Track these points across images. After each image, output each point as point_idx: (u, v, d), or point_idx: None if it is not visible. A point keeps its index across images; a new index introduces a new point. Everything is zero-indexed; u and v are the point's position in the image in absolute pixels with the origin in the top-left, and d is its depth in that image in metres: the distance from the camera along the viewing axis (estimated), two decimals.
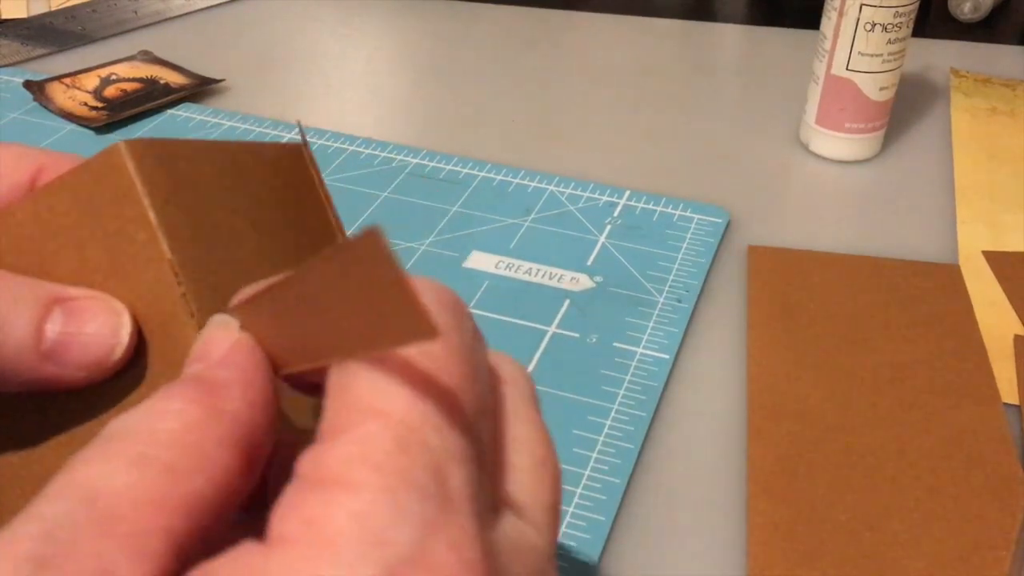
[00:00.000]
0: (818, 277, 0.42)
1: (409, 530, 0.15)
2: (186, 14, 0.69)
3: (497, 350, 0.20)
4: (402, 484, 0.15)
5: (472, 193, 0.47)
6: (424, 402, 0.16)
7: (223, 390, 0.17)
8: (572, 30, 0.67)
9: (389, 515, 0.15)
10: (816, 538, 0.30)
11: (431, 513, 0.15)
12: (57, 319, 0.20)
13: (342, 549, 0.14)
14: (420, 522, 0.15)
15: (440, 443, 0.16)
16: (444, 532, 0.15)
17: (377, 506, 0.15)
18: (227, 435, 0.17)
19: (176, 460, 0.16)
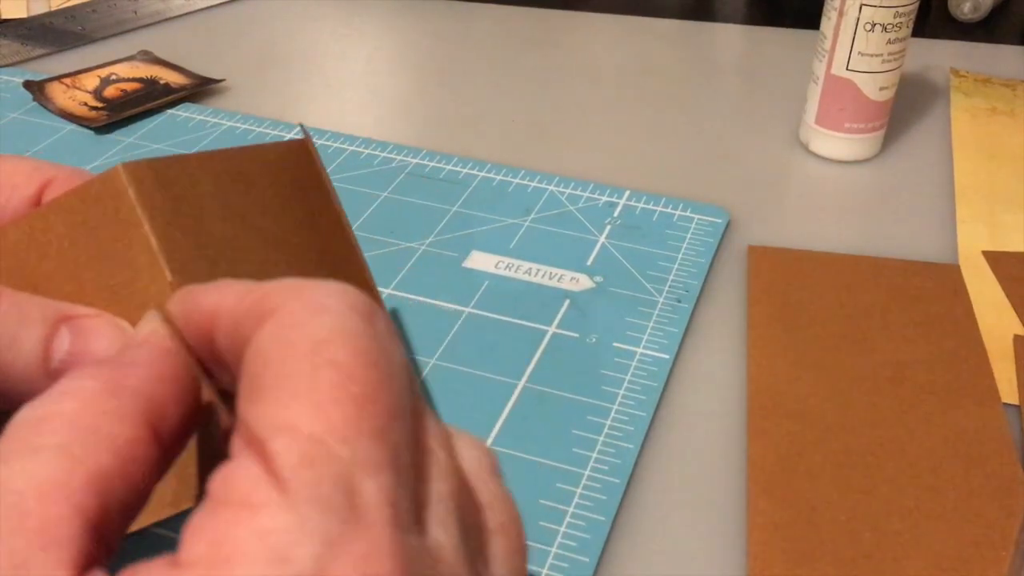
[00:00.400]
0: (818, 277, 0.42)
1: (311, 547, 0.14)
2: (186, 14, 0.69)
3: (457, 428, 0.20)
4: (305, 500, 0.15)
5: (472, 193, 0.47)
6: (331, 413, 0.16)
7: (127, 367, 0.17)
8: (572, 30, 0.67)
9: (292, 532, 0.15)
10: (816, 538, 0.30)
11: (336, 528, 0.15)
12: (64, 338, 0.20)
13: (243, 569, 0.14)
14: (323, 538, 0.15)
15: (349, 454, 0.15)
16: (351, 546, 0.15)
17: (279, 523, 0.15)
18: (127, 409, 0.17)
19: (74, 441, 0.16)
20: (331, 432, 0.15)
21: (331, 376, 0.16)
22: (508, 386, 0.36)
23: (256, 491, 0.15)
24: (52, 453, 0.16)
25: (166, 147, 0.51)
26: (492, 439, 0.34)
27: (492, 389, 0.36)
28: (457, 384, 0.36)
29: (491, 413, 0.35)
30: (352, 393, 0.16)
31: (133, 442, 0.17)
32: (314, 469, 0.15)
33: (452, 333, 0.38)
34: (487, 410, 0.35)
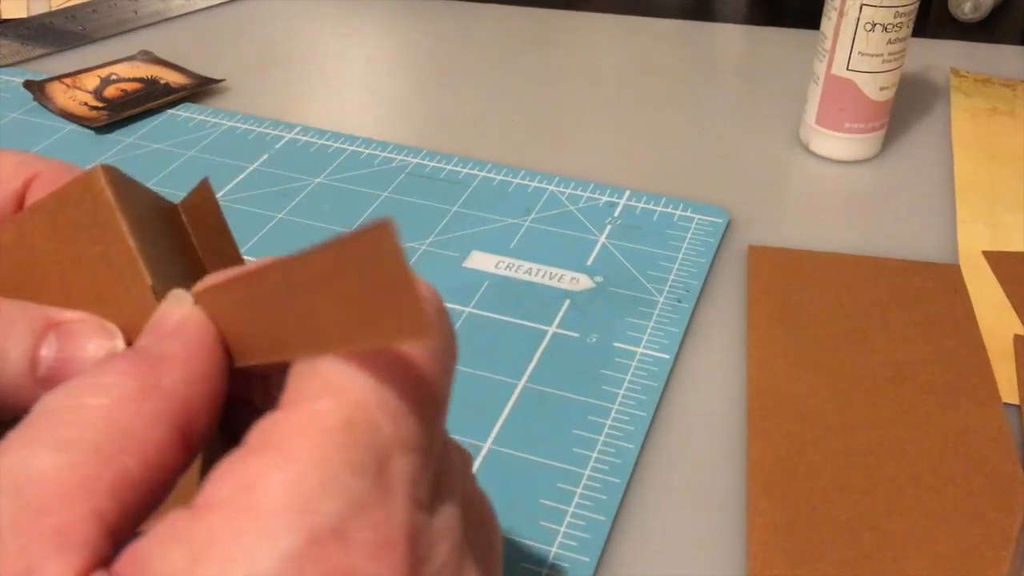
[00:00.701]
0: (818, 277, 0.42)
1: (336, 503, 0.15)
2: (186, 14, 0.69)
3: None
4: (338, 459, 0.15)
5: (472, 193, 0.47)
6: (385, 388, 0.16)
7: (162, 363, 0.17)
8: (572, 30, 0.67)
9: (319, 486, 0.15)
10: (816, 538, 0.30)
11: (362, 491, 0.15)
12: (52, 343, 0.19)
13: (266, 515, 0.15)
14: (348, 497, 0.15)
15: (392, 430, 0.16)
16: (371, 511, 0.15)
17: (308, 476, 0.15)
18: (161, 412, 0.17)
19: (103, 440, 0.16)
20: (380, 405, 0.16)
21: (395, 356, 0.17)
22: (508, 386, 0.36)
23: (292, 440, 0.15)
24: (80, 451, 0.16)
25: (166, 147, 0.51)
26: (492, 439, 0.34)
27: (492, 389, 0.36)
28: (457, 384, 0.36)
29: (491, 413, 0.35)
30: (411, 376, 0.17)
31: (163, 447, 0.16)
32: (354, 434, 0.15)
33: None
34: (487, 410, 0.35)
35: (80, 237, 0.20)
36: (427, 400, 0.17)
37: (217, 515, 0.15)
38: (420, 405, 0.17)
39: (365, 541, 0.15)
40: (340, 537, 0.15)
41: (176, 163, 0.50)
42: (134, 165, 0.49)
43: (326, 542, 0.15)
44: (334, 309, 0.16)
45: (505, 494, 0.32)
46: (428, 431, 0.17)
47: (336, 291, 0.16)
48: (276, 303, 0.17)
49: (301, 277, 0.16)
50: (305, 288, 0.16)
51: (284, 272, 0.17)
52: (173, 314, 0.18)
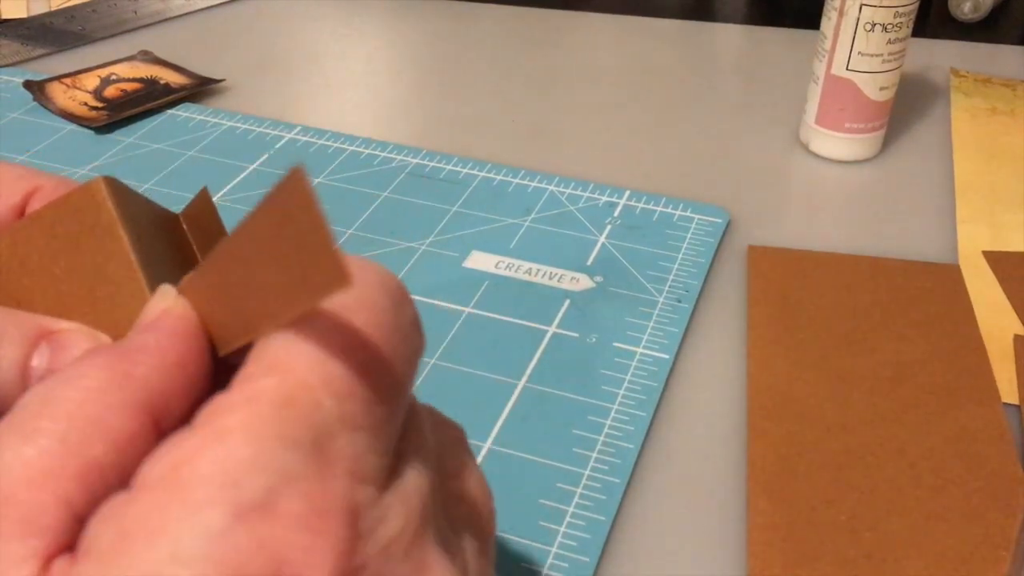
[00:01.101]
0: (818, 277, 0.42)
1: (264, 477, 0.15)
2: (186, 14, 0.69)
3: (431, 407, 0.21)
4: (271, 435, 0.15)
5: (472, 193, 0.47)
6: (331, 367, 0.16)
7: (136, 354, 0.17)
8: (572, 30, 0.67)
9: (248, 461, 0.15)
10: (816, 538, 0.30)
11: (294, 465, 0.15)
12: (44, 353, 0.19)
13: (193, 492, 0.15)
14: (278, 471, 0.15)
15: (336, 408, 0.16)
16: (303, 483, 0.15)
17: (238, 452, 0.15)
18: (131, 400, 0.17)
19: (70, 429, 0.16)
20: (325, 384, 0.16)
21: (344, 338, 0.17)
22: (508, 386, 0.36)
23: (227, 418, 0.15)
24: (48, 440, 0.16)
25: (166, 147, 0.51)
26: (492, 439, 0.34)
27: (492, 389, 0.36)
28: (457, 384, 0.36)
29: (491, 413, 0.35)
30: (359, 358, 0.17)
31: (133, 435, 0.17)
32: (292, 410, 0.16)
33: (452, 333, 0.38)
34: (487, 410, 0.35)
35: (78, 248, 0.20)
36: (378, 380, 0.17)
37: (148, 494, 0.15)
38: (369, 385, 0.17)
39: (294, 513, 0.15)
40: (267, 510, 0.15)
41: (176, 163, 0.50)
42: (134, 165, 0.49)
43: (252, 516, 0.15)
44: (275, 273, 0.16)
45: (505, 494, 0.32)
46: (379, 410, 0.17)
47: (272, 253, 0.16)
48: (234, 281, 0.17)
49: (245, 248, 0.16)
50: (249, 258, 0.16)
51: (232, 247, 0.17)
52: (156, 308, 0.18)
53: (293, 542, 0.15)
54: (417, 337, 0.19)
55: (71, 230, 0.20)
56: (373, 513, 0.16)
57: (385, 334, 0.17)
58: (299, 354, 0.16)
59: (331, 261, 0.15)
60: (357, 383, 0.16)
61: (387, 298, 0.18)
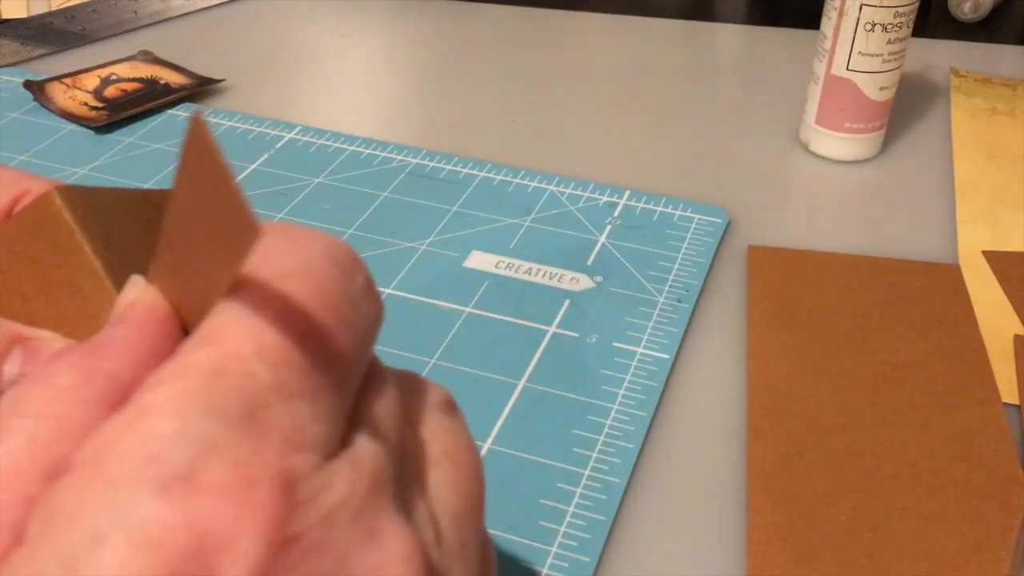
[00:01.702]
0: (818, 277, 0.42)
1: (187, 449, 0.15)
2: (186, 14, 0.69)
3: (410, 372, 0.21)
4: (197, 407, 0.15)
5: (472, 193, 0.47)
6: (265, 335, 0.16)
7: (105, 348, 0.17)
8: (572, 30, 0.67)
9: (171, 435, 0.15)
10: (816, 538, 0.30)
11: (220, 435, 0.15)
12: (16, 359, 0.19)
13: (114, 470, 0.14)
14: (201, 441, 0.15)
15: (269, 376, 0.16)
16: (229, 454, 0.15)
17: (162, 426, 0.15)
18: (101, 396, 0.16)
19: (38, 428, 0.16)
20: (259, 353, 0.16)
21: (280, 305, 0.16)
22: (508, 386, 0.36)
23: (154, 394, 0.15)
24: (15, 439, 0.16)
25: (166, 147, 0.51)
26: (492, 439, 0.34)
27: (492, 389, 0.36)
28: (457, 384, 0.36)
29: (491, 413, 0.35)
30: (296, 324, 0.16)
31: None
32: (220, 381, 0.15)
33: (452, 333, 0.38)
34: (487, 410, 0.35)
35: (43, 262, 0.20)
36: (319, 347, 0.17)
37: (71, 477, 0.15)
38: (309, 352, 0.16)
39: (219, 484, 0.15)
40: (190, 483, 0.14)
41: (176, 163, 0.50)
42: (134, 165, 0.49)
43: (173, 490, 0.14)
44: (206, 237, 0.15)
45: (505, 494, 0.32)
46: (320, 377, 0.16)
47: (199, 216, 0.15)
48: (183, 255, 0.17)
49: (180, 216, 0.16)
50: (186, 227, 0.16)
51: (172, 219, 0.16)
52: (125, 300, 0.18)
53: (217, 514, 0.14)
54: (370, 304, 0.18)
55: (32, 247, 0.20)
56: (313, 481, 0.16)
57: (328, 300, 0.17)
58: (231, 324, 0.16)
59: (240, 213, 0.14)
60: (294, 350, 0.16)
61: (331, 265, 0.18)
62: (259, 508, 0.15)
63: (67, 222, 0.20)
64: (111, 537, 0.14)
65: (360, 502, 0.16)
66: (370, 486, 0.17)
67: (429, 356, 0.37)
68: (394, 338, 0.38)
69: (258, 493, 0.15)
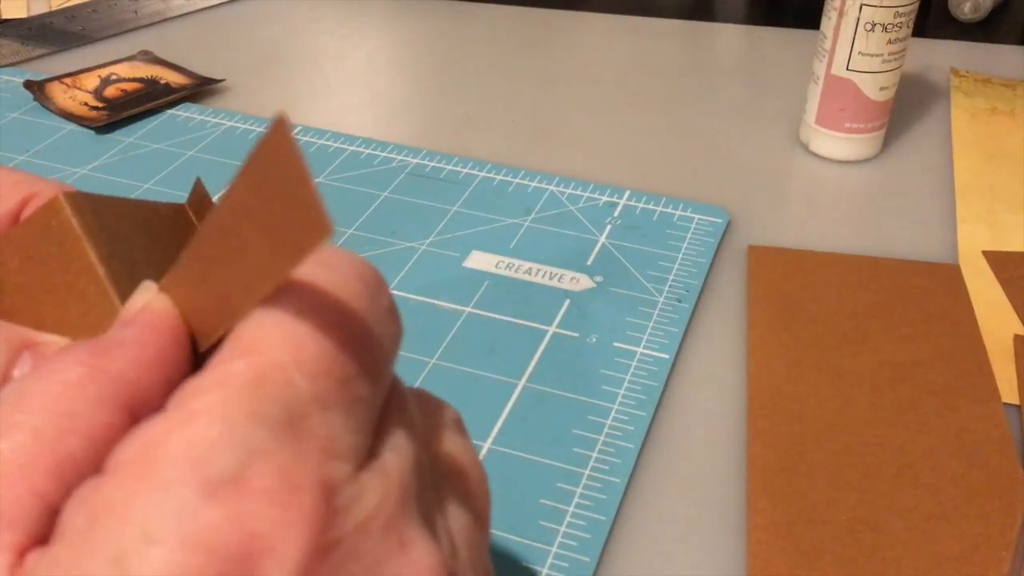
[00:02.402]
0: (818, 277, 0.42)
1: (235, 453, 0.15)
2: (186, 14, 0.69)
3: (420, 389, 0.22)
4: (242, 413, 0.15)
5: (472, 193, 0.47)
6: (303, 346, 0.16)
7: (114, 349, 0.17)
8: (572, 30, 0.67)
9: (218, 439, 0.15)
10: (816, 538, 0.30)
11: (265, 442, 0.15)
12: (26, 363, 0.19)
13: (163, 471, 0.15)
14: (248, 447, 0.15)
15: (308, 387, 0.16)
16: (274, 458, 0.15)
17: (208, 431, 0.15)
18: (107, 394, 0.17)
19: (44, 424, 0.16)
20: (298, 364, 0.16)
21: (317, 320, 0.17)
22: (508, 386, 0.36)
23: (197, 400, 0.15)
24: (22, 435, 0.16)
25: (166, 147, 0.51)
26: (492, 439, 0.34)
27: (492, 389, 0.36)
28: (457, 384, 0.36)
29: (491, 413, 0.35)
30: (332, 338, 0.17)
31: (108, 429, 0.17)
32: (262, 389, 0.16)
33: (452, 333, 0.38)
34: (487, 410, 0.35)
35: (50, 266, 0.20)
36: (352, 360, 0.17)
37: (117, 476, 0.15)
38: (343, 365, 0.17)
39: (266, 488, 0.15)
40: (238, 486, 0.15)
41: (176, 163, 0.50)
42: (134, 165, 0.49)
43: (222, 492, 0.15)
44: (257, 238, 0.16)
45: (505, 494, 0.32)
46: (353, 389, 0.17)
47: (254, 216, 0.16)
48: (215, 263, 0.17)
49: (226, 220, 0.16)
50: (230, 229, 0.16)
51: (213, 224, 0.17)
52: (136, 304, 0.18)
53: (264, 516, 0.15)
54: (393, 323, 0.19)
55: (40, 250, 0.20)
56: (349, 490, 0.16)
57: (359, 316, 0.17)
58: (271, 335, 0.16)
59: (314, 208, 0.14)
60: (330, 363, 0.16)
61: (361, 284, 0.18)
62: (303, 513, 0.15)
63: (73, 228, 0.20)
64: (162, 537, 0.14)
65: (390, 513, 0.17)
66: (398, 498, 0.17)
67: (429, 356, 0.37)
68: None
69: (302, 498, 0.15)
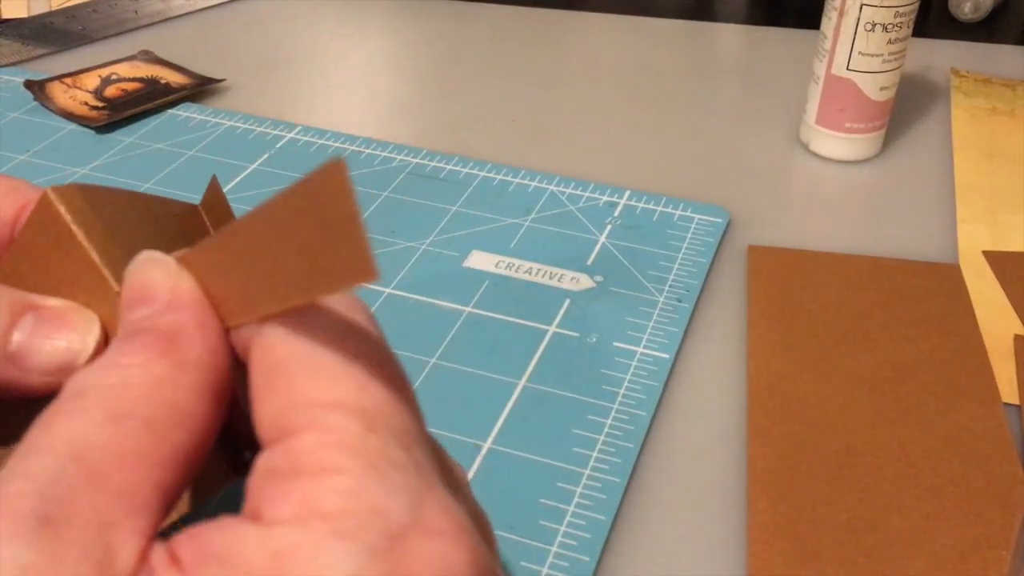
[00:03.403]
0: (818, 277, 0.42)
1: (402, 500, 0.15)
2: (186, 14, 0.69)
3: None
4: (383, 461, 0.16)
5: (472, 193, 0.47)
6: (374, 391, 0.16)
7: (182, 339, 0.17)
8: (572, 30, 0.67)
9: (379, 488, 0.15)
10: (816, 538, 0.30)
11: (416, 484, 0.16)
12: (27, 325, 0.19)
13: (341, 522, 0.15)
14: (410, 492, 0.15)
15: (400, 424, 0.16)
16: (433, 499, 0.16)
17: (366, 482, 0.15)
18: (198, 384, 0.17)
19: (154, 414, 0.16)
20: (378, 407, 0.16)
21: (364, 362, 0.17)
22: (508, 386, 0.36)
23: (330, 457, 0.15)
24: (134, 423, 0.16)
25: (166, 147, 0.51)
26: (492, 439, 0.34)
27: (492, 389, 0.36)
28: (457, 384, 0.36)
29: (491, 413, 0.35)
30: (384, 374, 0.17)
31: (206, 419, 0.17)
32: (379, 436, 0.16)
33: (452, 333, 0.38)
34: (487, 410, 0.35)
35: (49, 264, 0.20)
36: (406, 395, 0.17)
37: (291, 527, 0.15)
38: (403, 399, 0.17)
39: (442, 527, 0.15)
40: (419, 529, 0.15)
41: (176, 163, 0.50)
42: (134, 165, 0.49)
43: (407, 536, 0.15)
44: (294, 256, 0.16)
45: (505, 494, 0.32)
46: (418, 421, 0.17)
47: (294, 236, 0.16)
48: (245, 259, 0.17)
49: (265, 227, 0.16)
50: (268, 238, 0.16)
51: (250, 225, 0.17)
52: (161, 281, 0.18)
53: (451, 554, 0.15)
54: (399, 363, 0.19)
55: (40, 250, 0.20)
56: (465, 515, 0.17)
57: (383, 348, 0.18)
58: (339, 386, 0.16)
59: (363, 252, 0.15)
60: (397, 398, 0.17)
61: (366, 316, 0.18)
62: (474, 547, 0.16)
63: (63, 218, 0.20)
64: None
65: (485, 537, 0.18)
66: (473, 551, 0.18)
67: (429, 356, 0.37)
68: (394, 338, 0.38)
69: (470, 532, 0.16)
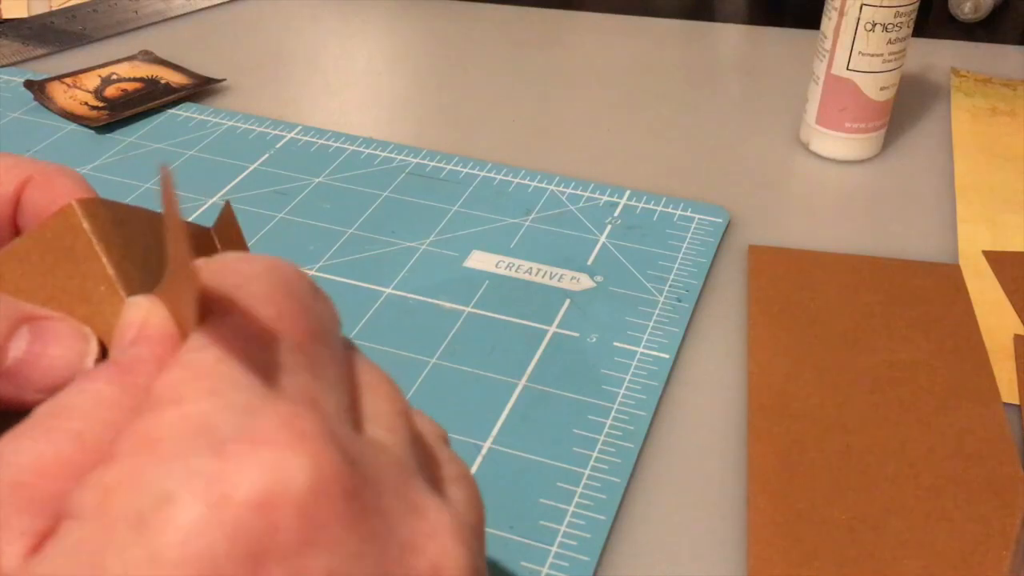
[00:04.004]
0: (818, 277, 0.42)
1: (232, 415, 0.15)
2: (186, 14, 0.69)
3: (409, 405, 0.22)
4: (224, 383, 0.16)
5: (472, 193, 0.47)
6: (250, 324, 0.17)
7: (137, 366, 0.18)
8: (572, 30, 0.67)
9: (210, 407, 0.16)
10: (816, 538, 0.30)
11: (256, 400, 0.16)
12: (23, 336, 0.19)
13: (168, 445, 0.15)
14: (243, 407, 0.16)
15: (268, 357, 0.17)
16: (271, 410, 0.16)
17: (199, 404, 0.16)
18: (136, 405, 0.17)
19: (86, 428, 0.17)
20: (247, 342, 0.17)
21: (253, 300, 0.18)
22: (508, 386, 0.36)
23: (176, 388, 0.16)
24: (64, 435, 0.16)
25: (167, 147, 0.51)
26: (492, 439, 0.34)
27: (492, 389, 0.36)
28: (457, 384, 0.36)
29: (491, 413, 0.35)
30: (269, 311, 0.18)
31: None
32: (230, 363, 0.16)
33: (452, 333, 0.38)
34: (487, 410, 0.35)
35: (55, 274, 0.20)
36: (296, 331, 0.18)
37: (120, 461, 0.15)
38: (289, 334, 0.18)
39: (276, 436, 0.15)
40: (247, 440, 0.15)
41: (176, 163, 0.50)
42: (134, 165, 0.49)
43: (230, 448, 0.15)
44: None
45: (505, 494, 0.32)
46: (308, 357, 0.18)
47: None
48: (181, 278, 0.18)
49: None
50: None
51: None
52: (133, 320, 0.19)
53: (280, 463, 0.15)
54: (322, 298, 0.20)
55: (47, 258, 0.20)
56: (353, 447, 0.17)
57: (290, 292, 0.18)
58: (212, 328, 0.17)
59: None
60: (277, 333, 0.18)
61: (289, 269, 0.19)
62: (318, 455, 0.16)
63: (85, 232, 0.20)
64: (180, 495, 0.15)
65: (396, 477, 0.17)
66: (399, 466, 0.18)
67: (429, 356, 0.37)
68: (394, 338, 0.38)
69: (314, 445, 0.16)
